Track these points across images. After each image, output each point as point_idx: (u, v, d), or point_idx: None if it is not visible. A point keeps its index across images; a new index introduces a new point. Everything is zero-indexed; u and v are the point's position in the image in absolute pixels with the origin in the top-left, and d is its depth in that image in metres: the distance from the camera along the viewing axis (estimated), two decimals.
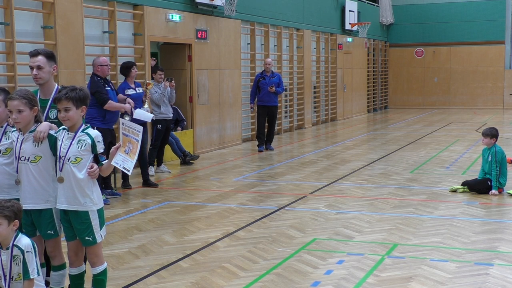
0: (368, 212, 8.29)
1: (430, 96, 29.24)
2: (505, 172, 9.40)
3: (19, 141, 4.65)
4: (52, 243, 4.77)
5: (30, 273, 4.30)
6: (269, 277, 5.79)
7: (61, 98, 4.54)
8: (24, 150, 4.64)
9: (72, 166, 4.57)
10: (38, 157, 4.64)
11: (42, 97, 5.18)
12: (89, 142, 4.58)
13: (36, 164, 4.64)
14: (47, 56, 5.13)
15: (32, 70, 5.12)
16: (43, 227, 4.70)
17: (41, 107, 4.98)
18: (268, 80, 14.44)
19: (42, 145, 4.64)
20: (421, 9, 28.80)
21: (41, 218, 4.68)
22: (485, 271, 5.84)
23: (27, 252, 4.31)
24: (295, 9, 19.53)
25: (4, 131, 4.82)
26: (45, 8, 10.21)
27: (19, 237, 4.34)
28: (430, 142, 16.16)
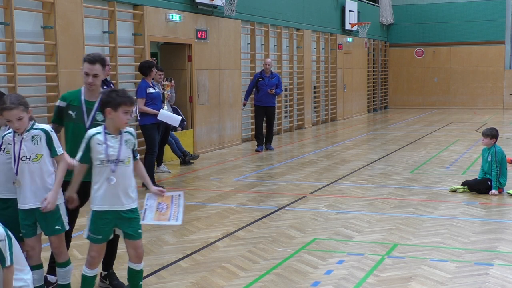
0: (368, 212, 8.29)
1: (430, 96, 29.24)
2: (505, 172, 9.40)
3: (17, 142, 4.65)
4: (58, 239, 4.84)
5: (6, 261, 4.15)
6: (269, 277, 5.79)
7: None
8: (24, 150, 4.64)
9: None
10: (39, 155, 4.68)
11: (87, 98, 5.26)
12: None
13: (38, 162, 4.67)
14: (102, 64, 5.23)
15: (87, 76, 5.17)
16: (50, 224, 4.73)
17: (87, 108, 5.16)
18: (268, 81, 14.41)
19: (41, 142, 4.67)
20: (421, 9, 28.79)
21: (48, 214, 4.71)
22: (485, 271, 5.84)
23: (1, 240, 4.24)
24: (295, 9, 19.53)
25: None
26: (45, 8, 10.21)
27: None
28: (430, 142, 16.16)
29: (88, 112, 5.25)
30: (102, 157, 4.63)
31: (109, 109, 4.66)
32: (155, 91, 10.14)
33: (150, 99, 9.97)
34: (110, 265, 5.60)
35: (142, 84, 10.09)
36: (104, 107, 4.67)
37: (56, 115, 5.42)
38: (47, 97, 10.34)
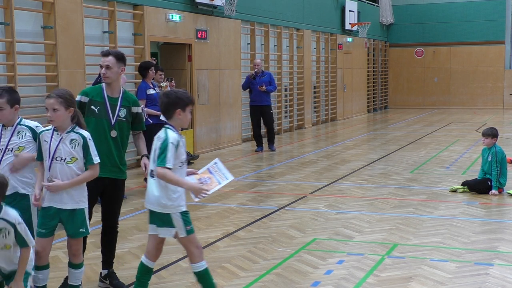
0: (368, 212, 8.29)
1: (430, 96, 29.24)
2: (505, 172, 9.40)
3: (55, 140, 4.71)
4: (79, 242, 4.90)
5: (28, 242, 4.36)
6: (269, 277, 5.79)
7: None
8: (61, 151, 4.70)
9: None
10: (74, 158, 4.74)
11: (110, 94, 5.39)
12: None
13: (72, 165, 4.73)
14: (117, 58, 5.39)
15: (101, 68, 5.34)
16: (76, 226, 4.80)
17: (110, 104, 5.32)
18: (258, 79, 14.33)
19: (78, 147, 4.73)
20: (421, 9, 28.80)
21: (75, 217, 4.78)
22: (485, 271, 5.84)
23: (19, 224, 4.33)
24: (295, 9, 19.54)
25: (16, 131, 4.94)
26: (45, 8, 10.21)
27: (4, 210, 4.31)
28: (430, 142, 16.16)
29: (112, 108, 5.35)
30: (183, 158, 4.75)
31: (178, 110, 4.75)
32: (155, 92, 10.14)
33: (150, 100, 9.97)
34: (110, 264, 5.61)
35: (142, 86, 10.09)
36: (174, 108, 4.73)
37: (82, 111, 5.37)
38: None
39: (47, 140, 4.73)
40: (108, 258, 5.59)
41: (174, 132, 4.73)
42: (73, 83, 10.56)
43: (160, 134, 4.71)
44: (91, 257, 6.44)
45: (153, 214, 4.74)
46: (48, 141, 4.72)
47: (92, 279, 5.82)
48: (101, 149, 5.10)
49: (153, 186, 4.70)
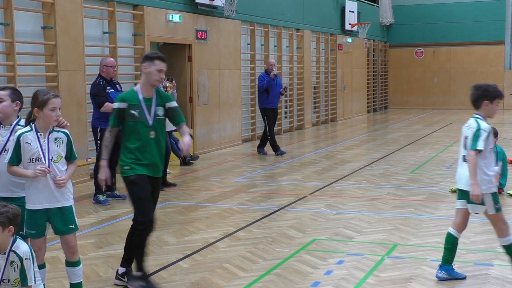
0: (368, 213, 8.30)
1: (430, 97, 29.23)
2: (506, 172, 9.40)
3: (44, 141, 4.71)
4: (75, 237, 4.93)
5: (28, 280, 4.33)
6: (269, 277, 5.79)
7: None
8: (51, 150, 4.72)
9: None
10: (60, 156, 4.77)
11: (145, 96, 5.43)
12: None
13: (58, 163, 4.75)
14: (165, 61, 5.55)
15: (160, 73, 5.40)
16: (66, 223, 4.81)
17: (146, 105, 5.36)
18: (275, 81, 13.90)
19: (62, 145, 4.77)
20: (421, 9, 28.80)
21: (64, 214, 4.80)
22: (485, 271, 5.84)
23: (26, 259, 4.31)
24: (295, 9, 19.54)
25: (14, 131, 4.89)
26: (45, 8, 10.21)
27: (17, 243, 4.32)
28: (430, 142, 16.16)
29: (148, 109, 5.39)
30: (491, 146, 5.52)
31: (486, 101, 5.57)
32: None
33: None
34: (130, 263, 5.59)
35: None
36: (482, 99, 5.56)
37: (117, 118, 5.41)
38: None
39: (31, 142, 4.68)
40: (131, 257, 5.57)
41: (483, 121, 5.47)
42: (73, 83, 10.57)
43: (470, 124, 5.48)
44: (91, 257, 6.45)
45: (463, 192, 5.47)
46: (35, 143, 4.68)
47: (92, 279, 5.82)
48: (145, 151, 5.32)
49: (465, 168, 5.41)
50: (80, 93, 10.73)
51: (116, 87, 9.27)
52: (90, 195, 9.44)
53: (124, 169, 5.41)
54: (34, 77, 10.21)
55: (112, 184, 9.46)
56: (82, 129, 10.72)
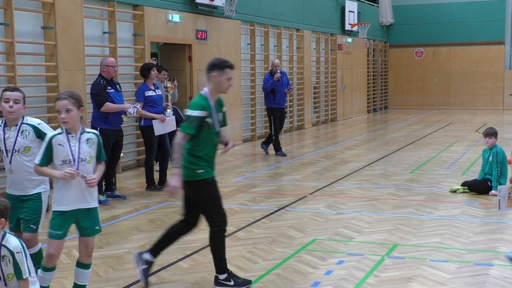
0: (368, 213, 8.30)
1: (430, 97, 29.24)
2: (506, 172, 9.39)
3: (74, 143, 4.72)
4: (93, 241, 4.97)
5: (23, 273, 4.30)
6: (269, 277, 5.79)
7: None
8: (82, 152, 4.74)
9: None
10: (92, 157, 4.81)
11: (214, 102, 5.53)
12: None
13: (90, 164, 4.80)
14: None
15: (230, 80, 5.63)
16: (92, 224, 4.87)
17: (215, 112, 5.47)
18: (281, 80, 13.79)
19: (93, 146, 4.81)
20: (421, 9, 28.81)
21: (91, 215, 4.85)
22: (485, 272, 5.84)
23: (18, 253, 4.29)
24: (295, 9, 19.54)
25: (20, 130, 5.00)
26: (45, 8, 10.21)
27: (7, 237, 4.29)
28: (430, 142, 16.16)
29: (216, 116, 5.48)
30: None
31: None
32: (155, 94, 10.09)
33: (150, 101, 9.93)
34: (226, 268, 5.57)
35: (142, 87, 10.02)
36: None
37: (198, 126, 5.37)
38: (47, 98, 10.34)
39: (64, 144, 4.70)
40: (224, 261, 5.59)
41: None
42: (73, 83, 10.56)
43: None
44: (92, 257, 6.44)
45: None
46: (66, 145, 4.70)
47: (92, 279, 5.80)
48: (214, 156, 5.54)
49: None
50: (80, 93, 10.57)
51: (116, 87, 9.27)
52: None
53: (197, 172, 5.41)
54: (34, 77, 10.21)
55: (112, 184, 9.47)
56: None
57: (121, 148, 9.49)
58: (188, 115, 5.37)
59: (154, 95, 10.01)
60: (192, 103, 5.49)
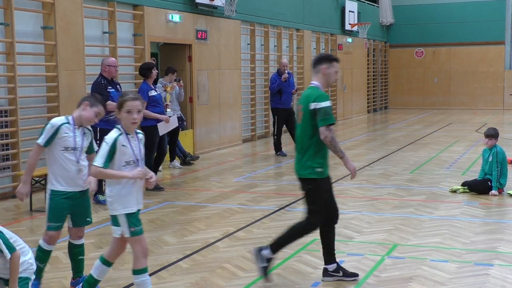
0: (368, 213, 8.29)
1: (430, 97, 29.23)
2: (506, 172, 9.40)
3: (135, 143, 4.75)
4: None
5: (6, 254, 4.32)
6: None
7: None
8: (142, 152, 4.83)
9: None
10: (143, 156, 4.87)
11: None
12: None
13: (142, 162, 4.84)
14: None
15: (336, 74, 5.63)
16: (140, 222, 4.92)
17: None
18: (288, 81, 13.70)
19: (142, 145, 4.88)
20: (421, 9, 28.80)
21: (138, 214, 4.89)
22: (485, 272, 5.84)
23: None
24: (295, 9, 19.54)
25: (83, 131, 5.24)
26: (45, 8, 10.21)
27: None
28: (430, 142, 16.16)
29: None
30: None
31: None
32: (157, 93, 10.14)
33: (153, 101, 9.94)
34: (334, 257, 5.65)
35: (144, 87, 10.00)
36: None
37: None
38: (47, 98, 10.34)
39: (126, 145, 4.67)
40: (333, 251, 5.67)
41: None
42: (73, 83, 10.57)
43: None
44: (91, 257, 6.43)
45: None
46: (128, 146, 4.68)
47: None
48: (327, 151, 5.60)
49: None
50: (80, 93, 10.70)
51: (117, 87, 9.28)
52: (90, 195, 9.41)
53: (317, 170, 5.53)
54: (34, 77, 10.21)
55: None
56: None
57: None
58: (323, 107, 5.40)
59: (156, 94, 10.06)
60: (318, 95, 5.48)
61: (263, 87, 17.71)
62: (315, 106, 5.40)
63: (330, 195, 5.64)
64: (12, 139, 9.59)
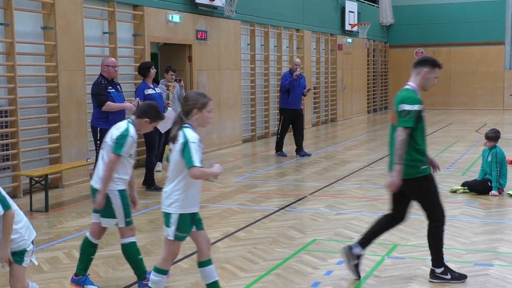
0: (368, 213, 8.29)
1: (430, 97, 29.17)
2: (505, 173, 9.40)
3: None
4: None
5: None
6: (269, 277, 5.79)
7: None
8: None
9: None
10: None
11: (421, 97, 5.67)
12: None
13: None
14: None
15: (435, 80, 5.72)
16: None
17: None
18: (298, 81, 13.66)
19: None
20: (421, 9, 28.80)
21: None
22: (485, 272, 5.84)
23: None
24: (295, 9, 19.54)
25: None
26: (45, 8, 10.22)
27: None
28: (430, 142, 16.04)
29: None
30: None
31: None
32: (155, 92, 10.15)
33: (149, 99, 9.97)
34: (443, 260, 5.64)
35: (141, 86, 10.12)
36: None
37: (416, 119, 5.56)
38: (47, 98, 10.34)
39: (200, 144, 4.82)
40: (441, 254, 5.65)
41: None
42: (73, 83, 10.57)
43: None
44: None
45: None
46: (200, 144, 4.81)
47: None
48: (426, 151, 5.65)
49: None
50: (80, 93, 10.73)
51: (117, 88, 9.28)
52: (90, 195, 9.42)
53: (421, 169, 5.50)
54: (34, 77, 10.21)
55: None
56: (82, 130, 10.72)
57: None
58: (407, 110, 5.48)
59: (153, 93, 10.07)
60: (408, 97, 5.57)
61: (263, 87, 17.71)
62: (403, 107, 5.51)
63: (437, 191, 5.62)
64: (12, 139, 9.59)
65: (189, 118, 4.73)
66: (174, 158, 4.72)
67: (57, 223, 8.03)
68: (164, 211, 4.75)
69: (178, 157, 4.67)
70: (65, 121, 10.42)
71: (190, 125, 4.73)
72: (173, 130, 4.71)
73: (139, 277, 5.50)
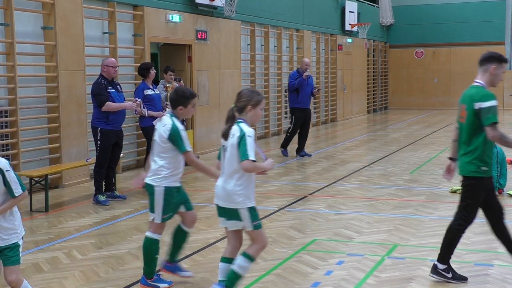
0: (368, 213, 8.30)
1: (430, 97, 29.24)
2: (505, 173, 9.40)
3: None
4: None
5: (15, 192, 4.27)
6: (269, 277, 5.79)
7: None
8: None
9: None
10: None
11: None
12: None
13: None
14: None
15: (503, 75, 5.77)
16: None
17: None
18: (307, 81, 13.59)
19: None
20: (421, 10, 28.81)
21: None
22: (485, 272, 5.84)
23: (7, 171, 4.25)
24: (295, 9, 19.54)
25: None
26: (45, 9, 10.22)
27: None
28: (430, 143, 16.16)
29: None
30: None
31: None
32: (154, 93, 10.15)
33: (149, 100, 9.99)
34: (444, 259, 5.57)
35: (140, 86, 10.15)
36: None
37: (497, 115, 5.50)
38: (47, 98, 10.34)
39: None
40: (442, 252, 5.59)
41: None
42: (73, 84, 10.57)
43: None
44: (91, 258, 6.45)
45: None
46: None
47: (92, 279, 5.82)
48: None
49: None
50: (80, 94, 10.73)
51: (117, 88, 9.28)
52: (90, 195, 9.44)
53: (481, 169, 5.46)
54: (34, 77, 10.21)
55: (112, 184, 9.47)
56: (82, 130, 10.73)
57: (121, 149, 9.50)
58: (488, 107, 5.48)
59: (153, 94, 10.09)
60: (484, 94, 5.58)
61: (263, 87, 17.71)
62: (480, 105, 5.46)
63: (492, 194, 5.62)
64: (12, 140, 9.59)
65: (243, 114, 4.95)
66: (230, 153, 5.02)
67: (57, 223, 8.03)
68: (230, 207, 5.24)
69: (234, 151, 4.97)
70: (65, 121, 10.43)
71: (244, 120, 4.97)
72: (225, 126, 4.95)
73: (146, 274, 5.51)
